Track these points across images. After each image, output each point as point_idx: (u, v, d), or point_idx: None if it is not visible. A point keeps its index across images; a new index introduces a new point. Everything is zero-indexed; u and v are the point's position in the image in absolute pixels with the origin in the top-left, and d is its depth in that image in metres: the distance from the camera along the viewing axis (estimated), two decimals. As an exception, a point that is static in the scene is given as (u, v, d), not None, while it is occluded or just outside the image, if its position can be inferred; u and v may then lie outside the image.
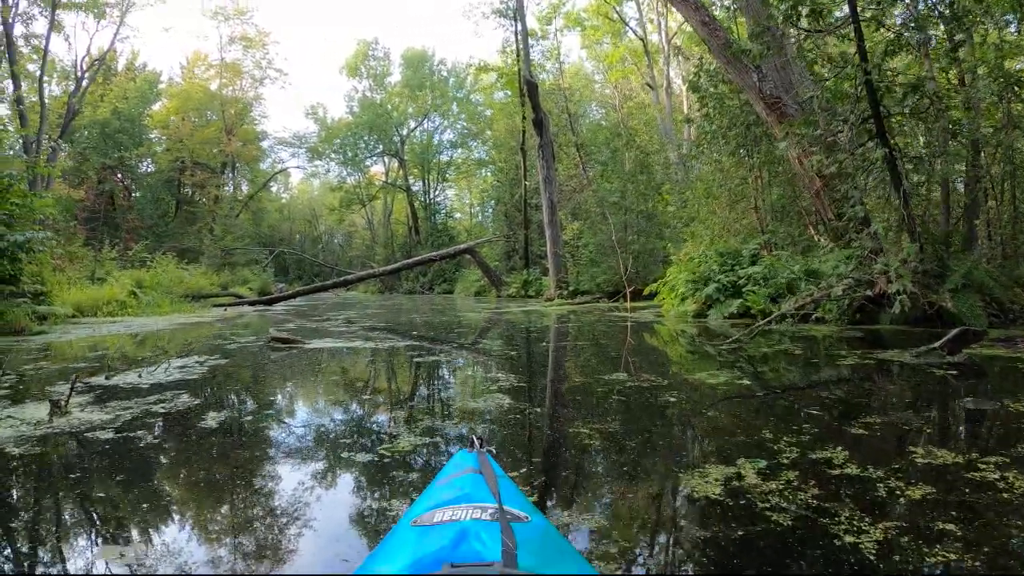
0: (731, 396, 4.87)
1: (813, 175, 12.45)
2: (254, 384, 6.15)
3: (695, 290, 13.19)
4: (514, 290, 28.19)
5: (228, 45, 50.21)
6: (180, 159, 46.44)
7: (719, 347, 7.98)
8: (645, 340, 9.99)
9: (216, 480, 3.18)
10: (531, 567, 1.13)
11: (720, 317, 12.20)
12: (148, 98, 46.68)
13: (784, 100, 12.56)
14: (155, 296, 19.92)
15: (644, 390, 5.06)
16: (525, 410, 4.51)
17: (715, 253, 13.55)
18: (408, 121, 56.07)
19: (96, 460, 3.41)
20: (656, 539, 2.37)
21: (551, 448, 3.58)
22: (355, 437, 3.88)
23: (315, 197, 70.40)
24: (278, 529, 2.49)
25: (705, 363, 6.87)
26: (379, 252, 53.35)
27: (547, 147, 25.06)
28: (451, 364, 7.50)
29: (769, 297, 11.51)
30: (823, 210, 12.62)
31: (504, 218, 40.50)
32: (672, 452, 3.46)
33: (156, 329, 12.81)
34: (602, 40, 42.08)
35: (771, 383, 5.70)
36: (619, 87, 42.14)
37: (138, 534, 2.43)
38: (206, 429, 4.07)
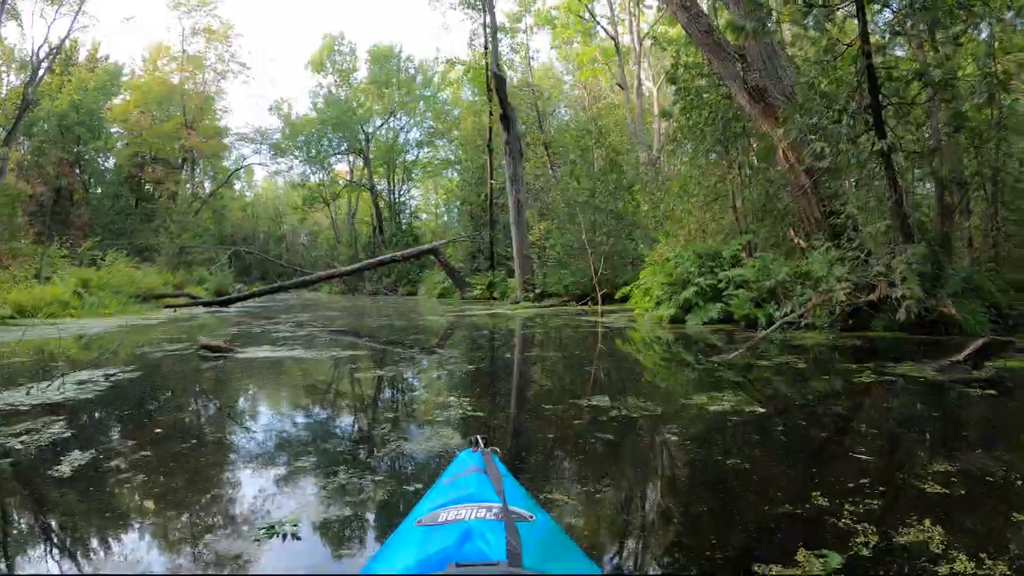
0: (749, 432, 3.84)
1: (800, 171, 11.61)
2: (150, 410, 4.96)
3: (671, 294, 12.25)
4: (479, 292, 27.23)
5: (191, 37, 48.63)
6: (139, 154, 44.76)
7: (712, 361, 6.98)
8: (622, 350, 9.02)
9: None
10: (536, 566, 1.12)
11: (699, 323, 11.25)
12: (108, 91, 45.05)
13: (770, 91, 11.69)
14: (102, 297, 18.86)
15: (635, 424, 4.02)
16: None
17: (692, 254, 12.62)
18: (374, 119, 54.68)
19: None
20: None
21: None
22: (231, 507, 2.82)
23: (280, 196, 68.86)
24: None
25: (700, 381, 5.86)
26: (343, 252, 52.03)
27: (514, 144, 24.04)
28: (396, 382, 6.19)
29: (753, 302, 10.61)
30: (810, 208, 11.77)
31: (469, 218, 39.36)
32: (697, 537, 2.41)
33: (92, 333, 11.86)
34: (572, 39, 41.44)
35: (787, 409, 4.61)
36: (589, 87, 41.43)
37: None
38: (52, 479, 3.04)
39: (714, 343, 8.93)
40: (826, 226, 11.44)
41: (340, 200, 58.73)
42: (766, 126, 11.86)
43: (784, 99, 11.76)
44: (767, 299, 10.47)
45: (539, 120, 32.96)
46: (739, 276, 11.20)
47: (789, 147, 11.61)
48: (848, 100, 9.20)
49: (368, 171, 53.18)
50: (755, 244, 12.87)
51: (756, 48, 11.90)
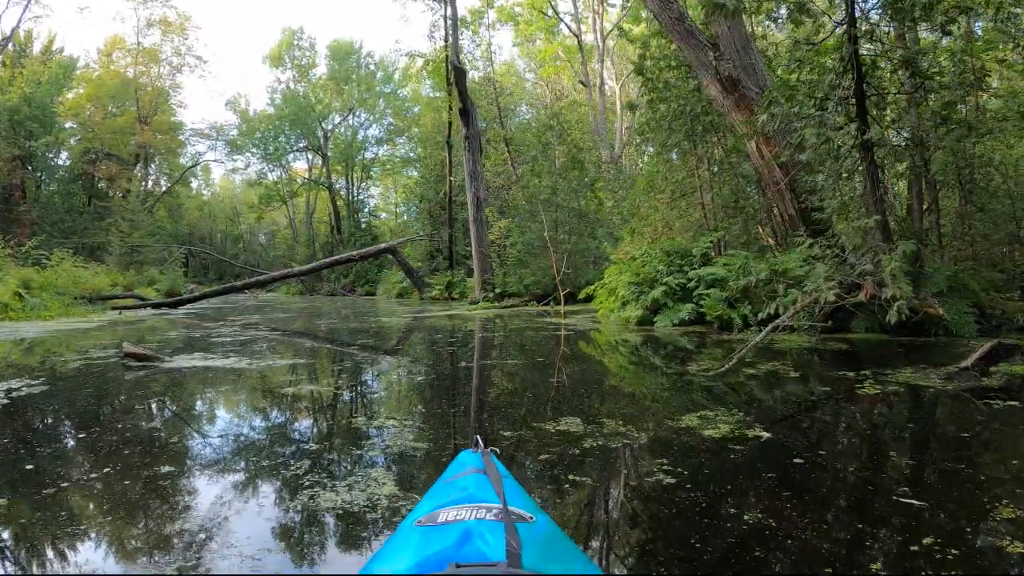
0: (759, 468, 3.09)
1: (774, 165, 11.03)
2: (30, 439, 4.12)
3: (639, 294, 11.54)
4: (437, 292, 26.38)
5: (146, 29, 46.91)
6: (92, 150, 43.08)
7: (696, 373, 6.25)
8: (590, 356, 8.31)
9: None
10: (535, 567, 1.11)
11: (669, 324, 10.55)
12: (61, 84, 43.27)
13: (744, 81, 11.11)
14: (44, 298, 17.92)
15: (616, 459, 3.26)
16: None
17: (660, 252, 11.96)
18: (333, 115, 53.58)
19: None
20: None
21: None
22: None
23: (237, 195, 67.49)
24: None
25: (684, 396, 5.13)
26: (300, 252, 50.86)
27: (474, 139, 23.25)
28: (332, 400, 5.22)
29: (725, 302, 9.96)
30: (784, 205, 11.20)
31: (428, 216, 38.46)
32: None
33: (19, 338, 11.09)
34: (535, 37, 40.88)
35: (795, 433, 3.87)
36: (551, 85, 40.85)
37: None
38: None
39: (690, 348, 8.28)
40: (801, 223, 10.90)
41: (298, 199, 57.76)
42: (739, 118, 11.27)
43: (758, 90, 11.18)
44: (740, 299, 9.84)
45: (500, 116, 32.19)
46: (711, 275, 10.53)
47: (763, 140, 11.04)
48: (831, 88, 8.59)
49: (326, 169, 52.14)
50: (725, 242, 12.24)
51: (729, 36, 11.31)
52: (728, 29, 11.31)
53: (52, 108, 40.46)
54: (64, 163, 45.24)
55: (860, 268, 7.95)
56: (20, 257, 22.73)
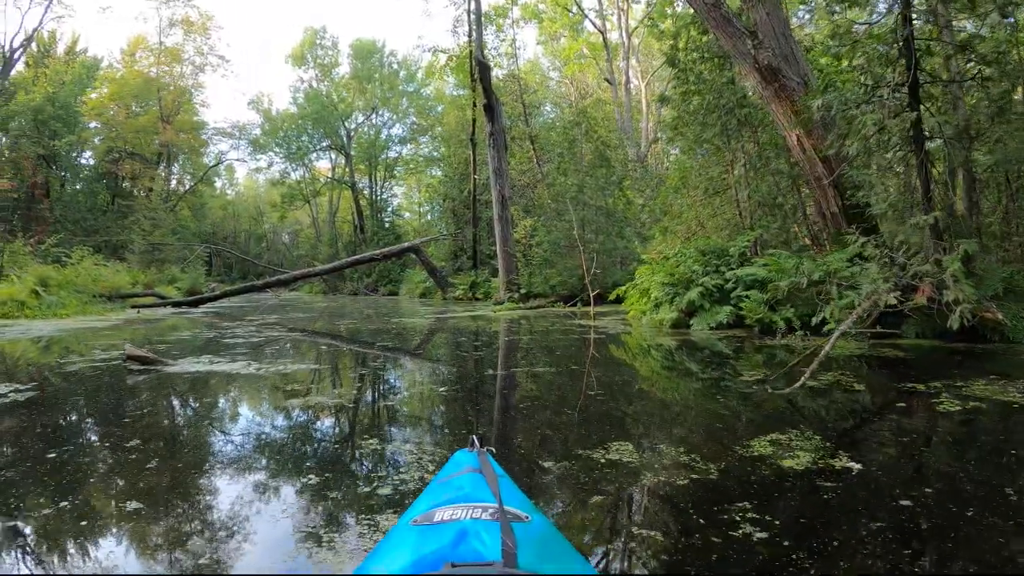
0: (870, 512, 2.50)
1: (816, 160, 10.45)
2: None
3: (673, 295, 11.00)
4: (461, 292, 26.01)
5: (168, 28, 46.97)
6: (115, 149, 43.15)
7: (747, 381, 5.63)
8: (628, 364, 7.67)
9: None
10: (531, 566, 1.11)
11: (706, 328, 10.00)
12: (84, 84, 43.37)
13: (784, 71, 10.52)
14: (62, 296, 17.83)
15: (688, 498, 2.66)
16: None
17: (696, 251, 11.40)
18: (355, 115, 53.30)
19: None
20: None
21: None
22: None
23: (261, 194, 67.67)
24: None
25: (745, 413, 4.50)
26: (323, 251, 50.58)
27: (498, 136, 22.74)
28: (340, 417, 4.53)
29: (766, 304, 9.40)
30: (826, 202, 10.62)
31: (452, 215, 38.06)
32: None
33: (29, 336, 10.87)
34: (559, 34, 40.40)
35: (883, 462, 3.17)
36: (575, 83, 40.30)
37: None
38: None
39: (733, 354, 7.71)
40: (844, 221, 10.32)
41: (321, 198, 57.59)
42: (779, 109, 10.70)
43: (799, 80, 10.61)
44: (782, 301, 9.27)
45: (525, 114, 31.66)
46: (750, 276, 9.96)
47: (805, 133, 10.47)
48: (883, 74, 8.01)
49: (349, 168, 51.91)
50: (763, 241, 11.65)
51: (768, 23, 10.74)
52: (767, 16, 10.74)
53: (75, 108, 40.53)
54: (88, 162, 45.41)
55: (914, 269, 7.37)
56: (40, 255, 22.57)
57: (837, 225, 10.49)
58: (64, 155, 40.70)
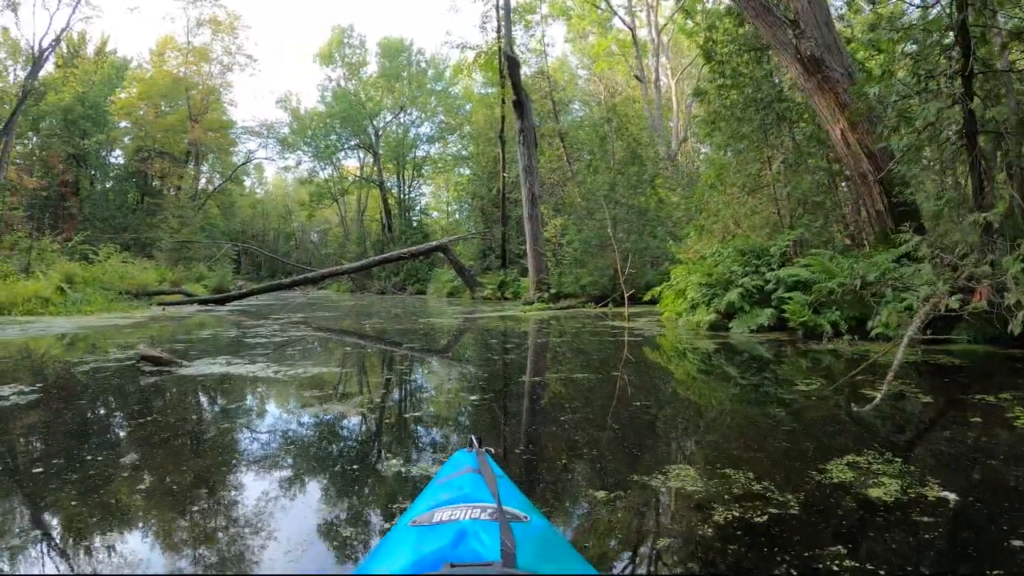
0: (971, 557, 2.14)
1: (862, 155, 10.01)
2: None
3: (711, 296, 10.60)
4: (489, 291, 25.66)
5: (196, 28, 47.26)
6: (144, 148, 43.54)
7: (804, 390, 5.30)
8: (669, 369, 7.22)
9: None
10: (530, 567, 1.11)
11: (746, 330, 9.57)
12: (114, 84, 43.72)
13: (827, 62, 10.09)
14: (88, 293, 17.98)
15: (769, 537, 2.27)
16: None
17: (734, 251, 10.98)
18: (384, 113, 53.19)
19: None
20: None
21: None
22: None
23: (289, 193, 68.05)
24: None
25: (810, 429, 4.01)
26: (351, 250, 50.49)
27: (528, 132, 22.38)
28: (359, 431, 4.11)
29: (810, 306, 8.97)
30: (871, 199, 10.17)
31: (481, 214, 37.74)
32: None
33: (50, 333, 10.82)
34: (588, 32, 40.03)
35: (978, 491, 2.76)
36: (604, 81, 39.83)
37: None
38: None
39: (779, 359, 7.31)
40: (890, 219, 9.87)
41: (350, 197, 57.59)
42: (822, 102, 10.27)
43: (843, 72, 10.18)
44: (827, 304, 8.85)
45: (555, 111, 31.25)
46: (792, 277, 9.52)
47: (850, 127, 10.03)
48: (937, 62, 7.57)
49: (377, 167, 51.77)
50: (803, 240, 11.21)
51: (810, 12, 10.31)
52: (808, 4, 10.31)
53: (105, 108, 40.78)
54: (118, 161, 45.73)
55: (969, 270, 6.93)
56: (67, 252, 22.66)
57: (882, 224, 10.05)
58: (93, 154, 40.99)
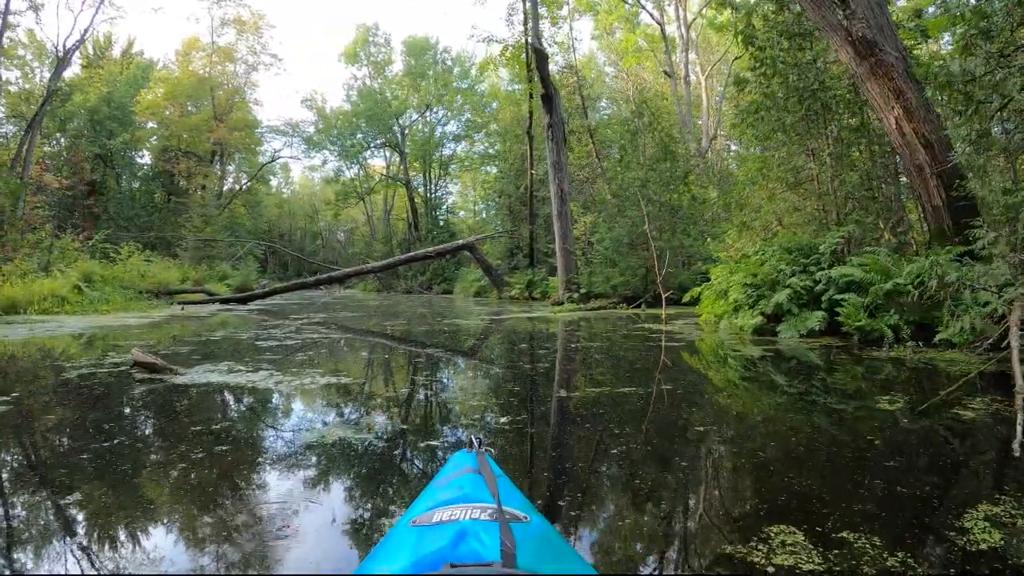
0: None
1: (918, 145, 9.27)
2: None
3: (757, 297, 9.91)
4: (517, 291, 25.15)
5: (220, 28, 47.23)
6: (170, 148, 43.58)
7: (891, 408, 4.60)
8: (724, 382, 6.35)
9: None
10: (530, 567, 1.10)
11: (795, 335, 8.83)
12: (139, 84, 43.67)
13: (880, 44, 9.37)
14: (106, 292, 17.76)
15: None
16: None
17: (780, 249, 10.27)
18: (409, 112, 52.76)
19: None
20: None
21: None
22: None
23: (316, 192, 68.22)
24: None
25: (911, 461, 3.29)
26: (378, 249, 50.19)
27: (557, 127, 21.73)
28: (359, 469, 3.30)
29: (866, 309, 8.26)
30: (928, 193, 9.43)
31: (508, 212, 37.15)
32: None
33: (62, 333, 10.53)
34: (614, 28, 39.35)
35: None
36: (632, 77, 39.12)
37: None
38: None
39: (843, 369, 6.62)
40: (948, 215, 9.14)
41: (376, 196, 57.41)
42: (875, 88, 9.54)
43: (897, 55, 9.46)
44: (882, 307, 8.15)
45: (583, 106, 30.56)
46: (845, 277, 8.79)
47: (905, 115, 9.30)
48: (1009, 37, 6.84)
49: (403, 166, 51.41)
50: (856, 237, 10.46)
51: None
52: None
53: (130, 108, 40.67)
54: (145, 161, 45.83)
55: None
56: (87, 250, 22.45)
57: (939, 220, 9.32)
58: (119, 154, 40.98)
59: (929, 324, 7.63)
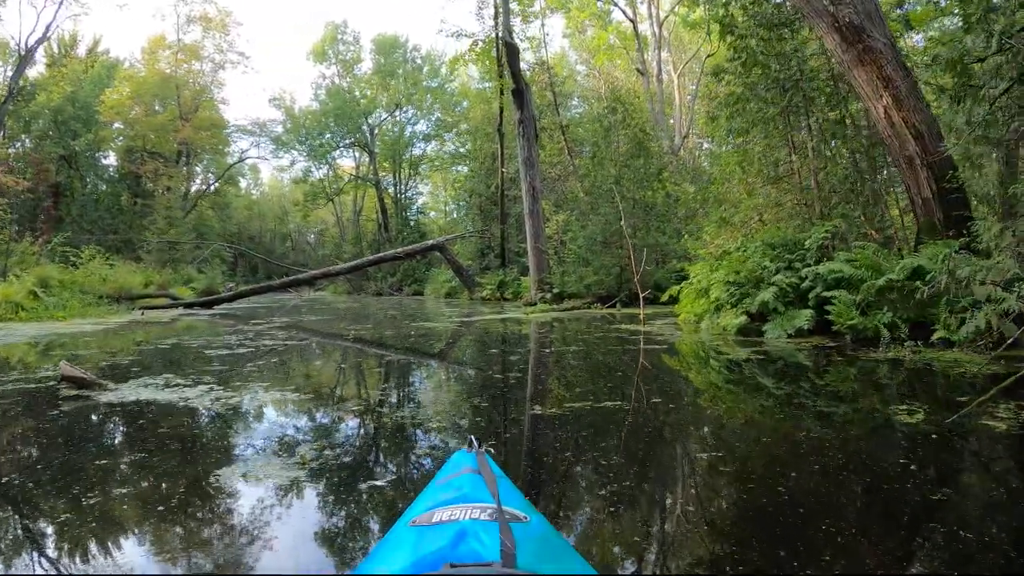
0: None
1: (908, 136, 8.85)
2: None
3: (740, 296, 9.41)
4: (488, 292, 24.54)
5: (187, 26, 46.06)
6: (135, 149, 42.43)
7: (909, 423, 3.94)
8: (715, 389, 5.75)
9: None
10: (530, 567, 1.09)
11: (783, 335, 8.32)
12: (104, 83, 42.44)
13: (868, 30, 8.94)
14: (64, 297, 16.93)
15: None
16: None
17: (763, 245, 9.79)
18: (379, 111, 51.95)
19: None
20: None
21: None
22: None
23: (286, 194, 67.06)
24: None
25: (955, 494, 2.71)
26: (347, 250, 49.32)
27: (528, 123, 21.17)
28: (288, 511, 2.75)
29: (858, 307, 7.80)
30: (917, 185, 9.00)
31: (479, 212, 36.50)
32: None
33: (8, 342, 9.84)
34: (586, 26, 39.06)
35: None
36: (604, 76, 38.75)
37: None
38: None
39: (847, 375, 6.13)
40: (938, 208, 8.73)
41: (346, 197, 56.50)
42: (862, 76, 9.10)
43: (885, 41, 9.04)
44: (874, 304, 7.69)
45: (555, 102, 30.07)
46: (833, 273, 8.31)
47: (894, 104, 8.87)
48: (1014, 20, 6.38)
49: (373, 166, 50.67)
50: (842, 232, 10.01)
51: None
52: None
53: (95, 108, 39.63)
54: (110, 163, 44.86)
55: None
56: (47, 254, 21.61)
57: (930, 213, 8.91)
58: (83, 155, 39.86)
59: (924, 322, 7.19)
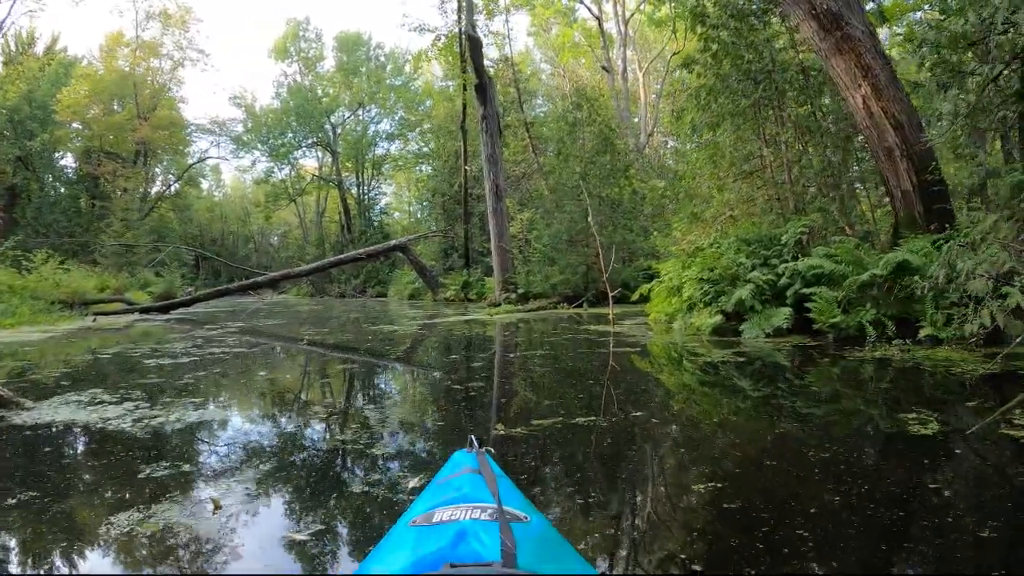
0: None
1: (887, 126, 8.50)
2: None
3: (715, 294, 8.97)
4: (452, 293, 24.05)
5: (145, 22, 44.76)
6: (92, 149, 41.13)
7: (925, 434, 3.35)
8: (699, 397, 5.29)
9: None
10: (530, 567, 1.07)
11: (761, 335, 7.89)
12: (62, 82, 41.17)
13: (846, 18, 8.58)
14: (12, 304, 16.09)
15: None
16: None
17: (737, 240, 9.38)
18: (341, 110, 51.19)
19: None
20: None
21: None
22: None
23: (248, 195, 65.66)
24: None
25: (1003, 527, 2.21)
26: (310, 252, 48.63)
27: (491, 119, 20.66)
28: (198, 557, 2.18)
29: (839, 304, 7.41)
30: (897, 177, 8.65)
31: (442, 211, 35.93)
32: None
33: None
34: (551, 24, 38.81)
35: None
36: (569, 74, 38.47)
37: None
38: None
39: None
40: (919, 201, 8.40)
41: (308, 198, 55.59)
42: (840, 65, 8.75)
43: (864, 29, 8.69)
44: (855, 301, 7.30)
45: (519, 99, 29.64)
46: (812, 269, 7.91)
47: (873, 93, 8.52)
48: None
49: (336, 166, 49.89)
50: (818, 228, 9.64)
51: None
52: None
53: (51, 107, 38.48)
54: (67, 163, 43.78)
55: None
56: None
57: (910, 206, 8.58)
58: (40, 156, 38.68)
59: (908, 319, 6.82)
